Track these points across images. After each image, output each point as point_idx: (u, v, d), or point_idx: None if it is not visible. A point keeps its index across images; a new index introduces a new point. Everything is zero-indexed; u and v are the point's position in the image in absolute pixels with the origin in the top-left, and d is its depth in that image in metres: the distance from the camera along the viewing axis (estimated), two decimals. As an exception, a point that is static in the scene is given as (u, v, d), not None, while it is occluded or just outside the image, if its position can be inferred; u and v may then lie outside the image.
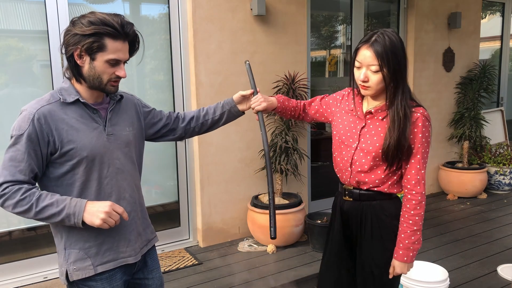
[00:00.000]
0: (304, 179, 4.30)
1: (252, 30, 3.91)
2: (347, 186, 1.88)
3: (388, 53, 1.65)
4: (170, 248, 3.87)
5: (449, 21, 5.25)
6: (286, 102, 2.03)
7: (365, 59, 1.68)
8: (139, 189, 1.72)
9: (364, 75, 1.70)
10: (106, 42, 1.46)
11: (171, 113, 1.91)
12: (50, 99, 1.51)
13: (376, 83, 1.69)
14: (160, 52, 3.76)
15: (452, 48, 5.36)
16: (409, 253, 1.74)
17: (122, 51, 1.50)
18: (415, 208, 1.72)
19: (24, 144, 1.44)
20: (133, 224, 1.64)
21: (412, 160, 1.71)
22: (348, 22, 4.89)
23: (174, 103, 3.80)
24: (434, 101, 5.31)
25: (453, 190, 5.28)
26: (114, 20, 1.46)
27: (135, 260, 1.65)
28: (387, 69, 1.66)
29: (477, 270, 3.39)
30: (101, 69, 1.49)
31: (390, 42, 1.66)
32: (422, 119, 1.69)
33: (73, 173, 1.50)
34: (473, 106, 5.34)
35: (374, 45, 1.67)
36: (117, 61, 1.50)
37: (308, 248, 3.83)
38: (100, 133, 1.55)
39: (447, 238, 4.04)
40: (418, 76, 5.14)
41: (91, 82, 1.51)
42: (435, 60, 5.25)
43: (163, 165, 3.90)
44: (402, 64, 1.68)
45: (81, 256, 1.54)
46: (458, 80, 5.48)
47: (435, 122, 5.33)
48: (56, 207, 1.43)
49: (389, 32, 1.69)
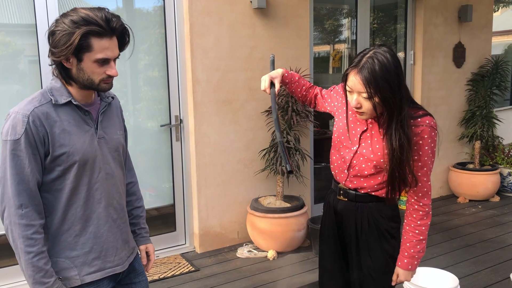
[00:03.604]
0: (306, 181, 4.30)
1: (252, 24, 3.90)
2: (342, 186, 1.87)
3: (378, 81, 1.57)
4: (165, 254, 3.86)
5: (460, 14, 5.25)
6: (296, 77, 2.03)
7: (354, 86, 1.62)
8: (125, 194, 1.73)
9: (356, 101, 1.64)
10: (91, 41, 1.43)
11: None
12: (42, 99, 1.48)
13: (371, 109, 1.63)
14: (155, 47, 3.75)
15: (462, 42, 5.36)
16: (413, 262, 1.78)
17: (110, 49, 1.47)
18: (422, 218, 1.74)
19: (24, 149, 1.42)
20: (119, 232, 1.65)
21: (419, 173, 1.70)
22: (353, 16, 4.89)
23: (170, 101, 3.79)
24: (443, 99, 5.31)
25: (463, 192, 5.27)
26: (98, 16, 1.42)
27: (123, 269, 1.66)
28: (378, 97, 1.59)
29: (489, 277, 3.38)
30: (90, 70, 1.47)
31: (381, 67, 1.57)
32: (427, 131, 1.66)
33: (63, 179, 1.50)
34: (485, 104, 5.33)
35: (362, 72, 1.59)
36: (106, 60, 1.48)
37: (311, 254, 3.82)
38: (92, 136, 1.54)
39: (457, 243, 4.03)
40: (427, 72, 5.13)
41: (82, 83, 1.50)
42: (444, 56, 5.24)
43: (157, 166, 3.89)
44: (395, 91, 1.59)
45: (67, 265, 1.53)
46: (469, 77, 5.48)
47: (445, 121, 5.32)
48: (41, 276, 1.44)
49: (381, 53, 1.60)
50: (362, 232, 1.83)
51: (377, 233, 1.81)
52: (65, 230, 1.53)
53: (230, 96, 3.88)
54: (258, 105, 4.00)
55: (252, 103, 3.98)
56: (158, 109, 3.82)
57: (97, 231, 1.57)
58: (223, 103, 3.85)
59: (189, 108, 3.79)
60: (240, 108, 3.94)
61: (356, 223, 1.84)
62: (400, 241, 1.82)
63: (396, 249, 1.82)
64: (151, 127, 3.81)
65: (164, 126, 3.82)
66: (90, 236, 1.56)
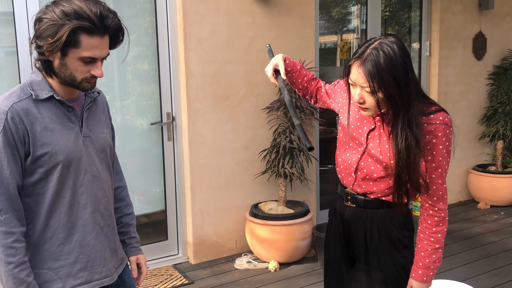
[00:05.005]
0: (311, 185, 4.32)
1: (251, 12, 3.92)
2: (349, 191, 1.88)
3: (382, 75, 1.56)
4: (156, 265, 3.88)
5: (480, 1, 5.25)
6: (298, 66, 2.06)
7: (357, 79, 1.63)
8: (112, 199, 1.73)
9: (359, 95, 1.65)
10: (80, 37, 1.43)
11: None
12: (21, 94, 1.49)
13: (374, 105, 1.64)
14: (145, 37, 3.77)
15: (483, 32, 5.37)
16: (429, 273, 1.76)
17: (99, 48, 1.47)
18: (437, 225, 1.74)
19: (2, 149, 1.43)
20: (107, 240, 1.66)
21: (433, 174, 1.70)
22: (363, 3, 4.91)
23: (161, 96, 3.81)
24: (462, 94, 5.33)
25: (484, 197, 5.29)
26: (92, 11, 1.42)
27: (112, 281, 1.67)
28: (382, 93, 1.60)
29: (513, 290, 3.41)
30: (73, 66, 1.47)
31: (386, 59, 1.56)
32: (441, 128, 1.66)
33: (46, 181, 1.50)
34: (508, 100, 5.34)
35: (365, 64, 1.58)
36: (93, 59, 1.48)
37: (316, 265, 3.84)
38: (76, 134, 1.55)
39: (477, 253, 4.05)
40: (444, 65, 5.15)
41: (63, 78, 1.51)
42: (463, 47, 5.26)
43: (147, 168, 3.91)
44: (401, 86, 1.59)
45: (50, 277, 1.54)
46: (491, 70, 5.49)
47: (464, 118, 5.34)
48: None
49: (387, 44, 1.59)
50: (371, 241, 1.84)
51: (388, 243, 1.81)
52: (48, 238, 1.54)
53: (227, 91, 3.89)
54: (258, 101, 4.02)
55: (252, 99, 4.00)
56: (148, 105, 3.84)
57: (83, 240, 1.58)
58: (219, 98, 3.87)
59: (182, 104, 3.80)
60: (238, 104, 3.96)
61: (365, 231, 1.84)
62: (413, 251, 1.82)
63: (409, 259, 1.82)
64: (140, 126, 3.83)
65: (154, 124, 3.83)
66: (76, 245, 1.56)
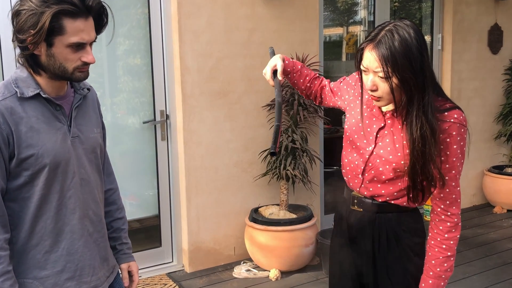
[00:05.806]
0: (315, 188, 4.31)
1: (251, 2, 3.91)
2: (356, 194, 1.88)
3: (396, 58, 1.57)
4: (149, 274, 3.87)
5: (496, -9, 5.26)
6: (298, 66, 2.05)
7: (370, 64, 1.63)
8: (102, 203, 1.73)
9: (372, 82, 1.65)
10: (63, 22, 1.43)
11: None
12: (5, 92, 1.49)
13: (388, 92, 1.64)
14: (137, 30, 3.76)
15: (499, 24, 5.36)
16: (440, 282, 1.76)
17: (86, 31, 1.47)
18: (450, 231, 1.74)
19: None
20: (97, 247, 1.66)
21: (446, 176, 1.70)
22: (371, -8, 4.90)
23: (154, 93, 3.80)
24: (477, 91, 5.32)
25: (501, 201, 5.28)
26: None
27: None
28: (396, 78, 1.60)
29: (531, 301, 3.40)
30: (62, 56, 1.47)
31: (401, 42, 1.57)
32: (456, 127, 1.67)
33: (31, 185, 1.50)
34: (526, 97, 5.35)
35: (379, 47, 1.59)
36: (81, 44, 1.48)
37: (320, 274, 3.83)
38: (64, 134, 1.55)
39: (493, 261, 4.04)
40: (458, 59, 5.14)
41: (53, 72, 1.50)
42: (478, 40, 5.25)
43: (140, 170, 3.90)
44: (416, 71, 1.59)
45: (35, 287, 1.54)
46: (507, 65, 5.49)
47: (479, 116, 5.34)
48: None
49: (401, 26, 1.60)
50: (380, 249, 1.83)
51: (398, 251, 1.81)
52: (34, 246, 1.54)
53: (225, 88, 3.89)
54: (258, 98, 4.01)
55: (251, 96, 3.99)
56: (141, 102, 3.83)
57: (71, 247, 1.58)
58: (217, 95, 3.86)
59: (176, 101, 3.80)
60: (237, 101, 3.95)
61: (373, 238, 1.84)
62: (424, 259, 1.81)
63: (420, 268, 1.82)
64: (132, 124, 3.82)
65: (147, 123, 3.83)
66: (63, 253, 1.56)
